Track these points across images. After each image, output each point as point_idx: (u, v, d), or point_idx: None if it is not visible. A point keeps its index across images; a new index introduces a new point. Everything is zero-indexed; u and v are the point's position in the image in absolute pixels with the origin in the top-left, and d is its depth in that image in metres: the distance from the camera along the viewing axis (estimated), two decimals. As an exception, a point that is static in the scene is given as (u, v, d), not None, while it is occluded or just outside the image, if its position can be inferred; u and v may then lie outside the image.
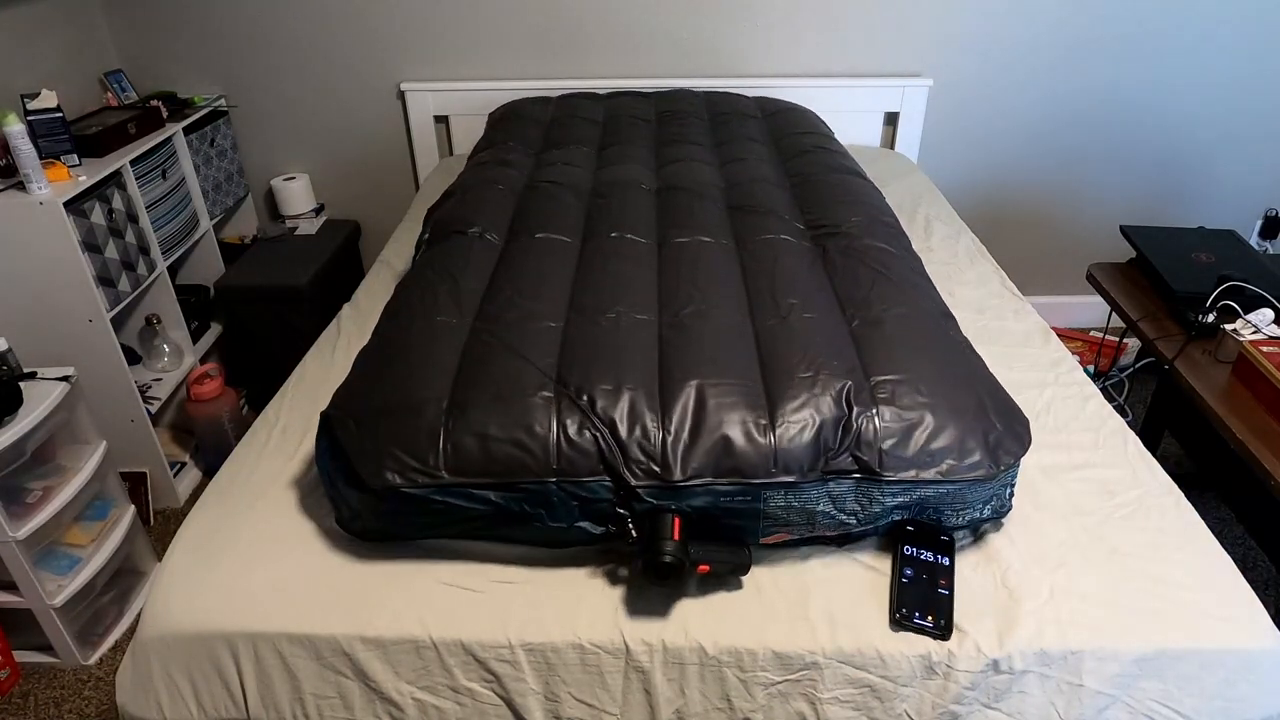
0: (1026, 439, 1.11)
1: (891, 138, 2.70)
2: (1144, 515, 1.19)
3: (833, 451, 1.05)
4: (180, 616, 1.08)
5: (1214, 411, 1.50)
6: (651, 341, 1.22)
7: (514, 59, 2.62)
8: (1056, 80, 2.63)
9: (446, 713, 1.05)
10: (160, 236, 2.25)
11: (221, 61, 2.61)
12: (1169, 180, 2.82)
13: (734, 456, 1.03)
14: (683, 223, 1.57)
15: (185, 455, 2.43)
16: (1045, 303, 2.97)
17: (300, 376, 1.55)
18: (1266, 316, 1.64)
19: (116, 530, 1.88)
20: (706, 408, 1.07)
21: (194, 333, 2.46)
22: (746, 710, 1.03)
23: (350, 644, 1.04)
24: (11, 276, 1.90)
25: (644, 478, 1.03)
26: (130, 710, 1.10)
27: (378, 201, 2.85)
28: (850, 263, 1.44)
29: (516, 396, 1.09)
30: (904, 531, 1.11)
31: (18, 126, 1.78)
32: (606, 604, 1.07)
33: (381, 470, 1.05)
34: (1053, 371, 1.51)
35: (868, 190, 1.76)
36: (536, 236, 1.52)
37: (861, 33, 2.58)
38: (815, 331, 1.23)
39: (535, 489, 1.04)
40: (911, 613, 1.02)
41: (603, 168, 1.87)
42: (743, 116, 2.21)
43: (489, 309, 1.31)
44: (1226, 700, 1.03)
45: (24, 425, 1.63)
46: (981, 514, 1.11)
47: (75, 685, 1.82)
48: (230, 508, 1.23)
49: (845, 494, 1.06)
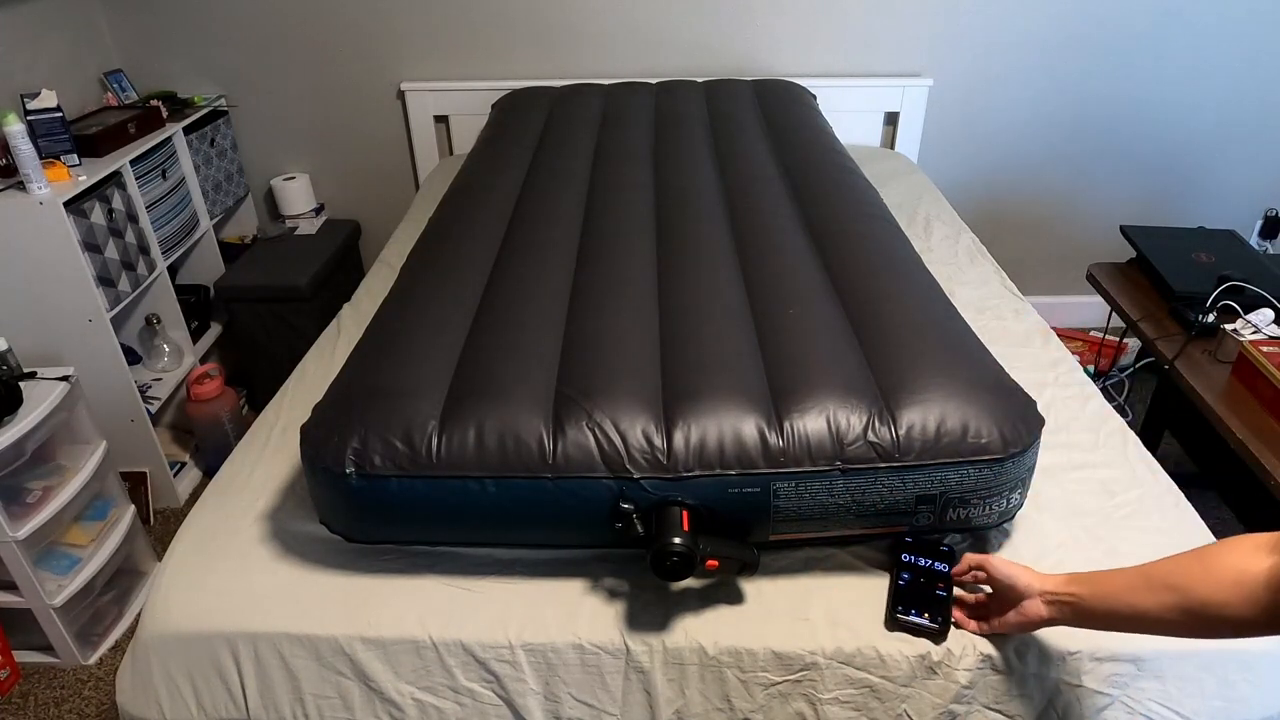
0: (1039, 417, 1.10)
1: (891, 138, 2.70)
2: (1144, 515, 1.19)
3: (847, 441, 1.02)
4: (180, 616, 1.09)
5: (1214, 411, 1.50)
6: (652, 337, 1.21)
7: (514, 59, 2.62)
8: (1057, 80, 2.63)
9: (446, 713, 1.05)
10: (160, 236, 2.25)
11: (221, 61, 2.61)
12: (1169, 180, 2.82)
13: (740, 446, 1.02)
14: (682, 218, 1.57)
15: (185, 455, 2.43)
16: (1045, 303, 2.97)
17: (300, 376, 1.55)
18: (1266, 316, 1.64)
19: (116, 530, 1.88)
20: (710, 402, 1.06)
21: (194, 333, 2.46)
22: (746, 710, 1.03)
23: (350, 644, 1.04)
24: (11, 276, 1.91)
25: (647, 469, 1.01)
26: (130, 710, 1.10)
27: (378, 201, 2.85)
28: (849, 255, 1.44)
29: (514, 392, 1.08)
30: (903, 542, 1.11)
31: (18, 126, 1.78)
32: (606, 604, 1.07)
33: (370, 456, 1.03)
34: (1053, 371, 1.51)
35: (862, 185, 1.76)
36: (536, 234, 1.52)
37: (861, 33, 2.58)
38: (819, 323, 1.23)
39: (532, 485, 1.03)
40: (908, 611, 1.02)
41: (602, 163, 1.87)
42: (739, 110, 2.21)
43: (488, 305, 1.30)
44: (1225, 701, 1.03)
45: (24, 425, 1.63)
46: (1009, 502, 1.08)
47: (75, 685, 1.82)
48: (230, 508, 1.23)
49: (865, 486, 1.03)
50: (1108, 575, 0.90)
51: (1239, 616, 0.75)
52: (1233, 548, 0.78)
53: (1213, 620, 0.77)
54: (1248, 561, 0.75)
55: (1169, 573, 0.82)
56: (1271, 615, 0.73)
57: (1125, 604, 0.86)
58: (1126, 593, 0.86)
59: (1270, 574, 0.72)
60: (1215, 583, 0.76)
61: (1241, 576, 0.74)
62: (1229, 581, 0.75)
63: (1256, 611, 0.74)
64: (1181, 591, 0.79)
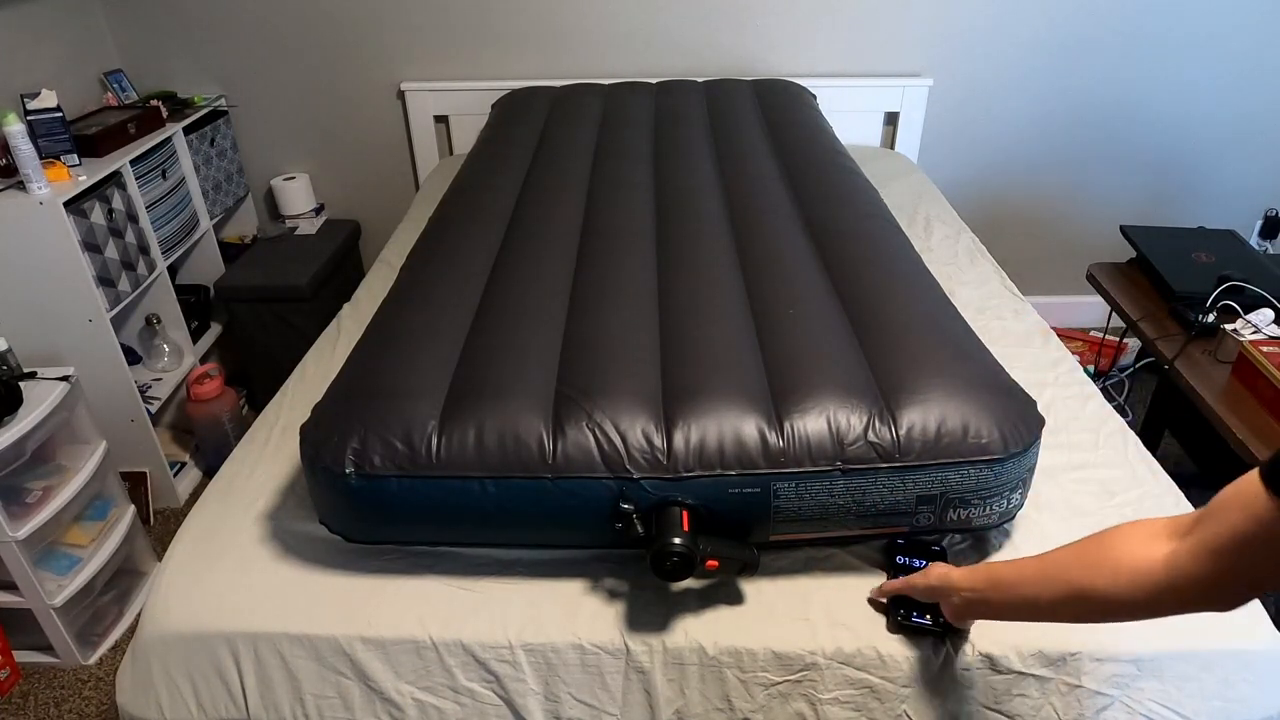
0: (1039, 417, 1.10)
1: (891, 138, 2.71)
2: (1144, 515, 1.18)
3: (848, 442, 1.02)
4: (180, 616, 1.09)
5: (1214, 411, 1.50)
6: (652, 337, 1.21)
7: (514, 58, 2.62)
8: (1056, 80, 2.64)
9: (446, 713, 1.05)
10: (160, 236, 2.25)
11: (221, 61, 2.61)
12: (1169, 180, 2.82)
13: (741, 446, 1.02)
14: (682, 218, 1.57)
15: (185, 455, 2.43)
16: (1045, 303, 2.97)
17: (300, 376, 1.55)
18: (1266, 316, 1.64)
19: (116, 530, 1.88)
20: (710, 402, 1.06)
21: (194, 333, 2.46)
22: (746, 710, 1.03)
23: (350, 644, 1.04)
24: (11, 276, 1.91)
25: (647, 469, 1.01)
26: (130, 710, 1.10)
27: (378, 201, 2.85)
28: (849, 255, 1.44)
29: (514, 392, 1.08)
30: (894, 544, 1.11)
31: (18, 126, 1.78)
32: (606, 604, 1.07)
33: (370, 456, 1.03)
34: (1053, 371, 1.51)
35: (862, 185, 1.76)
36: (536, 234, 1.52)
37: (861, 33, 2.58)
38: (819, 323, 1.23)
39: (532, 485, 1.03)
40: (910, 612, 1.02)
41: (602, 163, 1.87)
42: (739, 110, 2.21)
43: (488, 305, 1.30)
44: (1225, 701, 1.03)
45: (24, 425, 1.63)
46: (1010, 502, 1.08)
47: (75, 685, 1.82)
48: (230, 508, 1.23)
49: (865, 486, 1.03)
50: (1007, 566, 0.90)
51: (1132, 602, 0.75)
52: (1127, 536, 0.78)
53: (1108, 609, 0.78)
54: (1144, 550, 0.74)
55: (1065, 566, 0.82)
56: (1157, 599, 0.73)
57: (1020, 596, 0.86)
58: (1023, 585, 0.86)
59: (1166, 560, 0.72)
60: (1111, 573, 0.76)
61: (1137, 566, 0.74)
62: (1125, 571, 0.75)
63: (1146, 595, 0.74)
64: (1076, 584, 0.80)
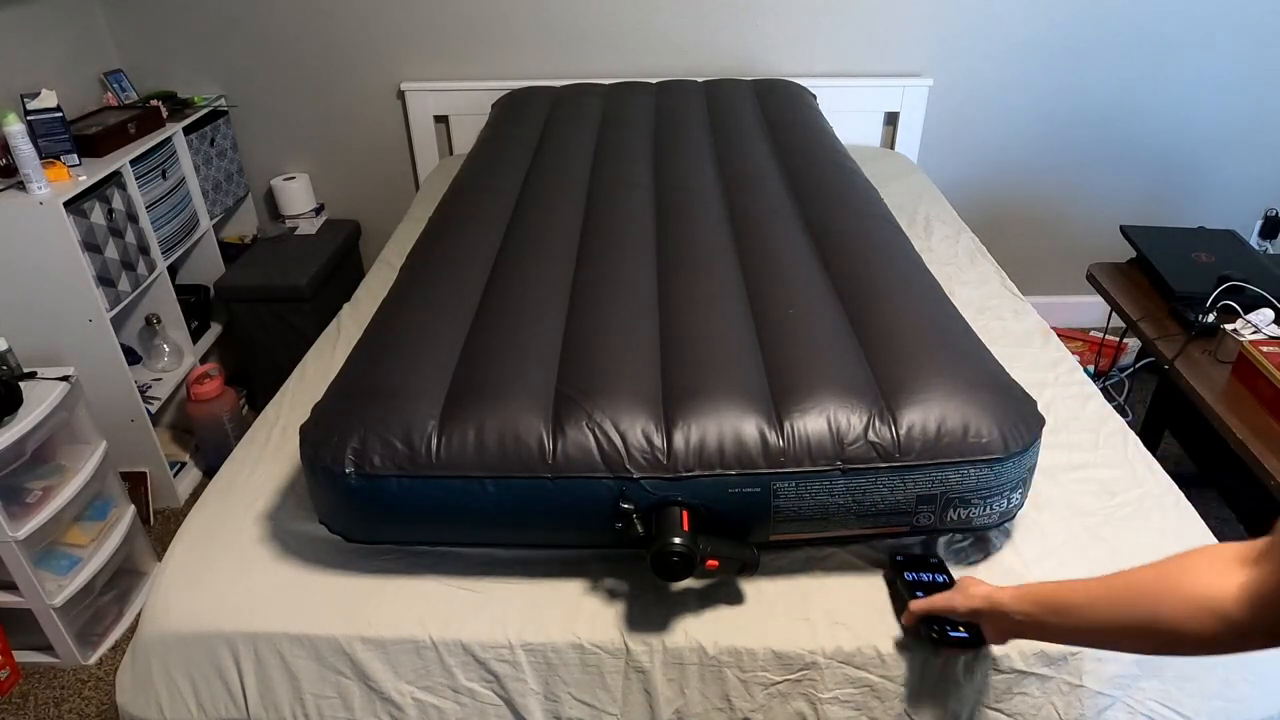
0: (1039, 416, 1.10)
1: (891, 138, 2.70)
2: (1144, 515, 1.19)
3: (848, 441, 1.02)
4: (180, 616, 1.09)
5: (1214, 411, 1.50)
6: (652, 337, 1.21)
7: (514, 59, 2.62)
8: (1057, 80, 2.63)
9: (446, 713, 1.05)
10: (160, 236, 2.25)
11: (221, 61, 2.61)
12: (1169, 180, 2.82)
13: (741, 446, 1.02)
14: (682, 218, 1.57)
15: (185, 455, 2.43)
16: (1045, 303, 2.97)
17: (300, 376, 1.56)
18: (1266, 316, 1.64)
19: (116, 530, 1.88)
20: (710, 402, 1.06)
21: (194, 333, 2.46)
22: (746, 710, 1.03)
23: (350, 644, 1.04)
24: (11, 276, 1.90)
25: (647, 469, 1.01)
26: (130, 710, 1.10)
27: (378, 201, 2.85)
28: (849, 255, 1.44)
29: (514, 392, 1.08)
30: (896, 562, 1.09)
31: (18, 126, 1.78)
32: (606, 604, 1.07)
33: (369, 456, 1.03)
34: (1053, 371, 1.51)
35: (862, 185, 1.76)
36: (536, 234, 1.52)
37: (861, 32, 2.58)
38: (819, 323, 1.23)
39: (532, 485, 1.02)
40: (944, 628, 0.99)
41: (602, 163, 1.87)
42: (739, 110, 2.21)
43: (488, 305, 1.30)
44: (1225, 700, 1.03)
45: (24, 425, 1.63)
46: (1010, 502, 1.07)
47: (75, 685, 1.82)
48: (230, 508, 1.23)
49: (865, 486, 1.03)
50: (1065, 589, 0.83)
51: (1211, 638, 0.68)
52: (1198, 564, 0.71)
53: (1181, 641, 0.70)
54: (1218, 582, 0.68)
55: (1134, 594, 0.75)
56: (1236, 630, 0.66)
57: (1083, 622, 0.79)
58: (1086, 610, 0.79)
59: (1243, 591, 0.65)
60: (1183, 605, 0.69)
61: (1211, 598, 0.67)
62: (1197, 604, 0.68)
63: (1226, 629, 0.67)
64: (1144, 614, 0.72)
